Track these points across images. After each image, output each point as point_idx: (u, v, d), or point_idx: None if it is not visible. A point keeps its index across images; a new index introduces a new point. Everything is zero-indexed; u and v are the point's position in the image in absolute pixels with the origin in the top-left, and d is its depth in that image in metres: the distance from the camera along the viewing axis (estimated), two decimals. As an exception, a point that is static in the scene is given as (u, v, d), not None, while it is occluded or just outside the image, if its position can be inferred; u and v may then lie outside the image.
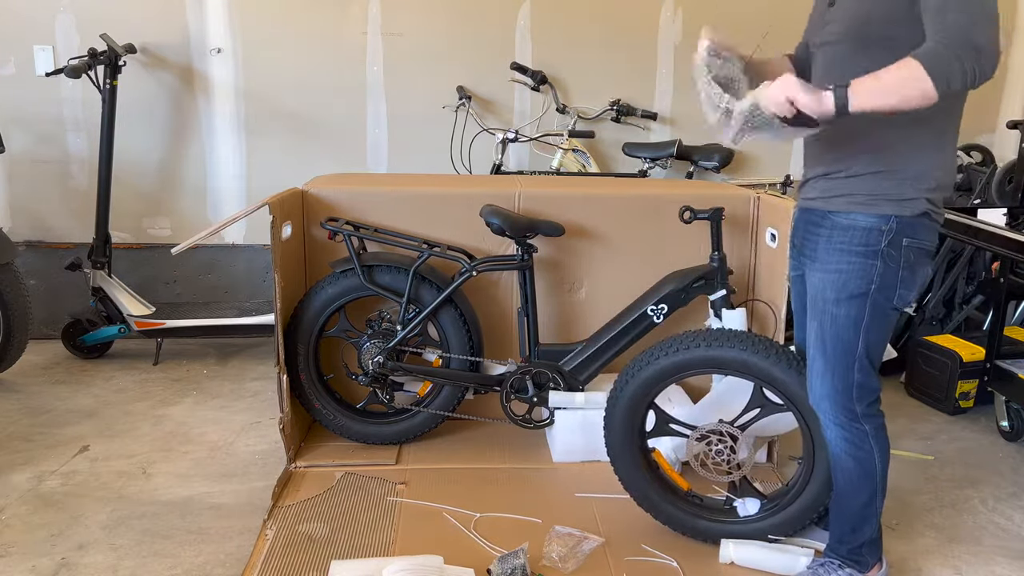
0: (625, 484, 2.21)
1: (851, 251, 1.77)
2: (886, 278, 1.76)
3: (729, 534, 2.14)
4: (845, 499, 1.94)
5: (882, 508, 1.94)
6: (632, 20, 3.82)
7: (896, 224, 1.73)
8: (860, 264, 1.77)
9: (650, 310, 2.53)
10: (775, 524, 2.13)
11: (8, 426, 2.86)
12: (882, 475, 1.90)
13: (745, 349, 2.03)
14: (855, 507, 1.92)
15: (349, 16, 3.72)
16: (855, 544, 1.95)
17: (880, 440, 1.88)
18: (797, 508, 2.10)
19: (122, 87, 3.49)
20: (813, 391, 1.91)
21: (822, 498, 2.07)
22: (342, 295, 2.59)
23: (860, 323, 1.79)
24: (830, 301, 1.81)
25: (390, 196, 2.75)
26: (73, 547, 2.12)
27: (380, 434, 2.66)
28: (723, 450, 2.13)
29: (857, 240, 1.76)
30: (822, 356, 1.86)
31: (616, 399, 2.15)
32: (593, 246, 2.79)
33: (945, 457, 2.80)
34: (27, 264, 3.71)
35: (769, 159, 4.00)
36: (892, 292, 1.78)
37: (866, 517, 1.93)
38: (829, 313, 1.82)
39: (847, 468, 1.91)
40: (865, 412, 1.86)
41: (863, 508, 1.92)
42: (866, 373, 1.83)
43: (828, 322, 1.83)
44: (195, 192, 3.84)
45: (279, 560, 2.04)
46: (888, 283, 1.77)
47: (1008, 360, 2.99)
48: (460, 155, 3.78)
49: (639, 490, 2.20)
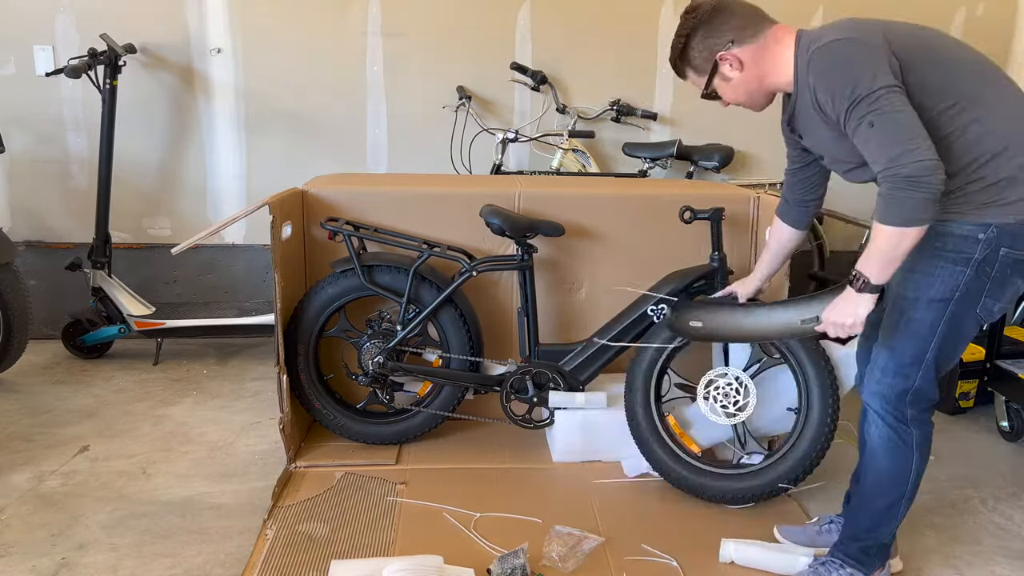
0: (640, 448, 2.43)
1: (941, 256, 1.71)
2: (973, 287, 1.70)
3: (738, 490, 2.29)
4: (870, 497, 1.90)
5: (904, 515, 1.91)
6: (632, 20, 3.82)
7: (996, 232, 1.67)
8: (948, 270, 1.71)
9: (650, 310, 2.53)
10: (781, 473, 2.29)
11: (8, 426, 2.86)
12: (915, 483, 1.86)
13: None
14: (879, 507, 1.89)
15: (349, 16, 3.72)
16: (867, 543, 1.93)
17: (923, 449, 1.84)
18: (798, 453, 2.29)
19: (122, 87, 3.50)
20: (869, 385, 1.85)
21: (819, 442, 2.28)
22: (342, 295, 2.59)
23: (935, 329, 1.74)
24: (909, 301, 1.76)
25: (390, 196, 2.75)
26: (73, 547, 2.13)
27: (380, 434, 2.66)
28: (730, 392, 2.37)
29: (951, 246, 1.70)
30: (888, 354, 1.80)
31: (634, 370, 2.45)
32: (593, 246, 2.79)
33: (945, 457, 2.80)
34: (27, 264, 3.71)
35: (769, 159, 4.00)
36: (976, 302, 1.72)
37: (887, 520, 1.89)
38: (906, 313, 1.76)
39: (881, 467, 1.86)
40: (916, 417, 1.82)
41: (887, 510, 1.88)
42: (929, 381, 1.79)
43: (903, 323, 1.77)
44: (195, 192, 3.84)
45: (279, 560, 2.04)
46: (974, 292, 1.71)
47: (1008, 360, 2.99)
48: (460, 155, 3.78)
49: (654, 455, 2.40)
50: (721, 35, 1.80)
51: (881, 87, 1.60)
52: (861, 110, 1.62)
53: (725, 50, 1.80)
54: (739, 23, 1.80)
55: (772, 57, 1.80)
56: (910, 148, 1.57)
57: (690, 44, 1.84)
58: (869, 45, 1.65)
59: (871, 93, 1.60)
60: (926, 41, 1.71)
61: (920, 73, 1.66)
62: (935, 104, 1.66)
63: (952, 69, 1.68)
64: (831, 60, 1.67)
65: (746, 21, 1.80)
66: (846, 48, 1.66)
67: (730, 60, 1.81)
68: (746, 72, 1.82)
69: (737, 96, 1.87)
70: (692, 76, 1.90)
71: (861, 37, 1.67)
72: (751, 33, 1.80)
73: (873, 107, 1.60)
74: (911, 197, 1.58)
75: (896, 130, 1.59)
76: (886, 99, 1.60)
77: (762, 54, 1.80)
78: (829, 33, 1.71)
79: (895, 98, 1.60)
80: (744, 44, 1.80)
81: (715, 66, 1.83)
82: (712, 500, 2.35)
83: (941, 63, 1.68)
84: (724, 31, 1.80)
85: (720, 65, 1.83)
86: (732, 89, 1.86)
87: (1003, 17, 3.98)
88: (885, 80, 1.61)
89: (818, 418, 2.29)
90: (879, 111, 1.60)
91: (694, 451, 2.43)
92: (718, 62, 1.82)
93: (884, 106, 1.59)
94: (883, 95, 1.60)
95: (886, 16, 1.84)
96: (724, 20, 1.80)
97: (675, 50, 1.87)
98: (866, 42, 1.66)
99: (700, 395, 2.40)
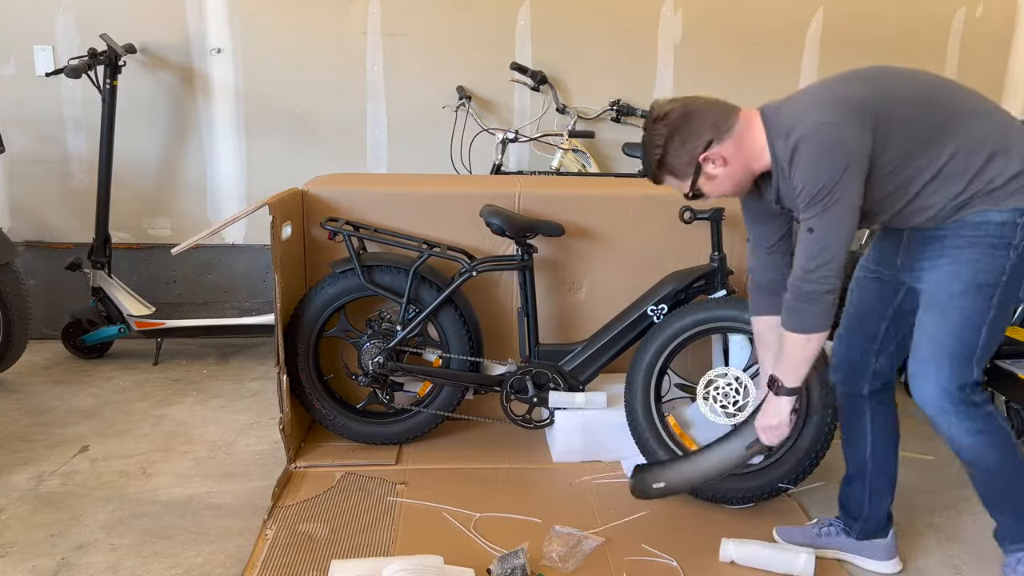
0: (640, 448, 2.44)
1: (982, 243, 1.71)
2: (1018, 270, 1.72)
3: (738, 490, 2.29)
4: (1000, 491, 1.87)
5: None
6: (632, 20, 3.82)
7: None
8: (991, 255, 1.71)
9: (650, 310, 2.53)
10: (781, 473, 2.30)
11: (8, 426, 2.86)
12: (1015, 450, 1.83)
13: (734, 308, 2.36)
14: (1019, 491, 1.85)
15: (349, 16, 3.72)
16: None
17: (1004, 424, 1.83)
18: (798, 453, 2.30)
19: (122, 87, 3.49)
20: (924, 393, 1.82)
21: (818, 440, 2.28)
22: (342, 295, 2.59)
23: (986, 315, 1.74)
24: (956, 294, 1.74)
25: (390, 196, 2.75)
26: (73, 547, 2.12)
27: (380, 434, 2.66)
28: (730, 392, 2.36)
29: (992, 233, 1.71)
30: (938, 354, 1.78)
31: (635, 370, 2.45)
32: (593, 246, 2.79)
33: (945, 457, 2.79)
34: (27, 264, 3.71)
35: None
36: (1019, 285, 1.73)
37: None
38: (955, 306, 1.74)
39: (987, 458, 1.83)
40: (984, 399, 1.81)
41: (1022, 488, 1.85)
42: (981, 366, 1.78)
43: (954, 315, 1.75)
44: (195, 192, 3.83)
45: (279, 560, 2.04)
46: (1018, 276, 1.72)
47: (1008, 360, 2.98)
48: (460, 155, 3.78)
49: (652, 454, 2.41)
50: (699, 137, 1.80)
51: (837, 193, 1.67)
52: (811, 212, 1.71)
53: (707, 150, 1.80)
54: (713, 121, 1.80)
55: (751, 143, 1.80)
56: (822, 264, 1.72)
57: (668, 152, 1.81)
58: (845, 137, 1.67)
59: (825, 197, 1.68)
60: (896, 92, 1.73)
61: (899, 137, 1.70)
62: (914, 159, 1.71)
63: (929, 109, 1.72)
64: (808, 155, 1.70)
65: (718, 117, 1.80)
66: (824, 142, 1.68)
67: (713, 158, 1.81)
68: (731, 165, 1.82)
69: (724, 189, 1.87)
70: (673, 182, 1.87)
71: (841, 122, 1.68)
72: (726, 127, 1.80)
73: (820, 212, 1.70)
74: (808, 311, 1.76)
75: (822, 245, 1.71)
76: (835, 208, 1.68)
77: (741, 144, 1.81)
78: (809, 116, 1.71)
79: (842, 206, 1.68)
80: (723, 139, 1.80)
81: (698, 168, 1.82)
82: (712, 500, 2.35)
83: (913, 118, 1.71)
84: (701, 132, 1.80)
85: (704, 166, 1.82)
86: (718, 185, 1.86)
87: (1003, 17, 3.98)
88: (844, 184, 1.67)
89: (818, 418, 2.29)
90: (821, 217, 1.70)
91: (694, 451, 2.43)
92: (701, 164, 1.82)
93: (829, 215, 1.69)
94: (836, 201, 1.68)
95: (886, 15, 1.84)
96: (698, 121, 1.80)
97: (652, 161, 1.84)
98: (843, 133, 1.67)
99: (700, 395, 2.40)
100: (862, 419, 2.04)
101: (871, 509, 2.08)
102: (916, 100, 1.73)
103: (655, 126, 1.81)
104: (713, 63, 3.89)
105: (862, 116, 1.68)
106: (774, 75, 3.92)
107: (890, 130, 1.70)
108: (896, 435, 2.07)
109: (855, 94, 1.72)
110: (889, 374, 2.02)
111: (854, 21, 3.86)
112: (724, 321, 2.38)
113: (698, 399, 2.40)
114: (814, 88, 1.80)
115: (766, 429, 1.96)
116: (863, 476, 2.07)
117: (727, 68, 3.89)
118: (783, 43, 3.91)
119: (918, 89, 1.75)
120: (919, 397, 1.84)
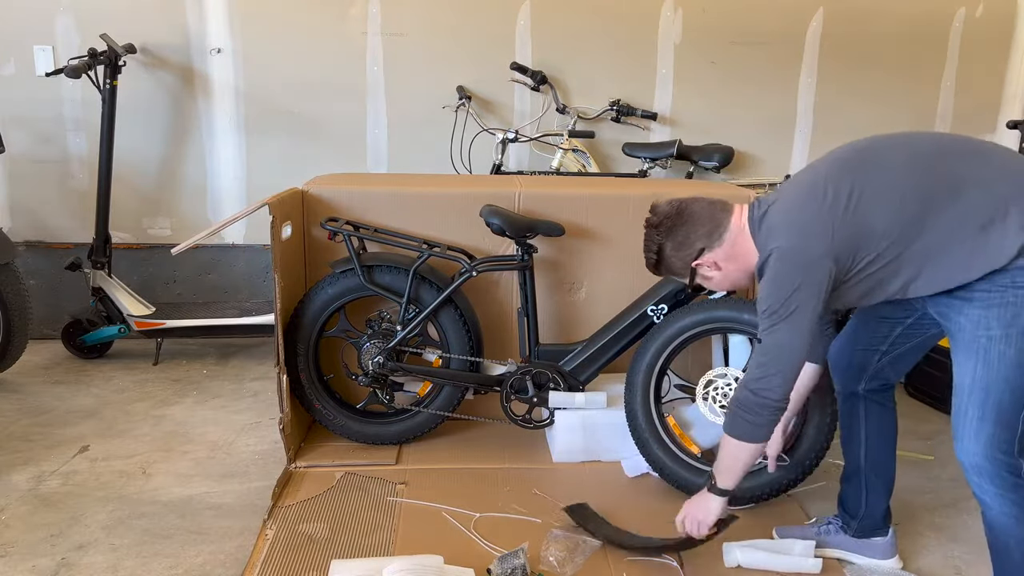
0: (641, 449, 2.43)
1: (1015, 286, 1.59)
2: None
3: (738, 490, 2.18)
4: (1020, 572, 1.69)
5: None
6: (632, 20, 3.82)
7: None
8: None
9: (650, 310, 2.53)
10: (781, 473, 2.30)
11: (8, 426, 2.86)
12: None
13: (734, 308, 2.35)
14: None
15: (349, 16, 3.72)
16: None
17: None
18: (800, 453, 2.30)
19: (122, 87, 3.49)
20: (965, 448, 1.65)
21: (819, 441, 2.29)
22: (342, 295, 2.59)
23: None
24: (996, 339, 1.60)
25: (390, 196, 2.75)
26: (73, 547, 2.13)
27: (380, 434, 2.66)
28: (729, 393, 2.38)
29: (1020, 279, 1.58)
30: (981, 404, 1.62)
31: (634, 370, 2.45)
32: (593, 246, 2.79)
33: (945, 457, 2.79)
34: (27, 264, 3.71)
35: (769, 159, 4.00)
36: None
37: None
38: (995, 351, 1.60)
39: (1017, 535, 1.65)
40: None
41: None
42: None
43: (995, 361, 1.60)
44: (195, 192, 3.83)
45: (279, 560, 2.04)
46: None
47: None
48: (460, 155, 3.78)
49: (653, 455, 2.41)
50: (690, 245, 1.85)
51: (784, 312, 1.69)
52: (763, 325, 1.74)
53: (699, 258, 1.86)
54: (704, 230, 1.84)
55: (744, 248, 1.84)
56: (763, 377, 1.73)
57: (663, 256, 1.91)
58: (802, 263, 1.68)
59: (774, 315, 1.71)
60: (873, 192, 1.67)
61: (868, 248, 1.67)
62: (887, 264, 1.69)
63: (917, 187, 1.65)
64: (768, 273, 1.74)
65: (710, 225, 1.84)
66: (783, 264, 1.70)
67: (706, 264, 1.86)
68: (724, 269, 1.87)
69: (722, 287, 1.95)
70: (673, 277, 1.97)
71: (804, 247, 1.68)
72: (717, 235, 1.84)
73: (769, 328, 1.72)
74: (746, 420, 1.78)
75: (768, 359, 1.74)
76: (783, 326, 1.70)
77: (734, 250, 1.85)
78: (778, 237, 1.73)
79: (791, 324, 1.69)
80: (714, 247, 1.85)
81: (693, 271, 1.90)
82: None
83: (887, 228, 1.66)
84: (692, 241, 1.85)
85: (698, 269, 1.89)
86: (716, 283, 1.93)
87: (1003, 17, 3.98)
88: (794, 302, 1.68)
89: (817, 419, 2.29)
90: (771, 333, 1.72)
91: (694, 452, 2.43)
92: (695, 268, 1.88)
93: (777, 332, 1.71)
94: (785, 319, 1.69)
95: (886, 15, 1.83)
96: (689, 231, 1.85)
97: (650, 261, 1.95)
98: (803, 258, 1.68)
99: (700, 395, 2.40)
100: (858, 417, 2.05)
101: (868, 507, 2.08)
102: (892, 195, 1.65)
103: (651, 232, 1.91)
104: (713, 63, 3.89)
105: (829, 239, 1.66)
106: (774, 75, 3.91)
107: (860, 245, 1.67)
108: (893, 435, 2.07)
109: (828, 208, 1.67)
110: (890, 376, 2.01)
111: (854, 21, 3.86)
112: (724, 321, 2.38)
113: (698, 399, 2.40)
114: (792, 192, 1.77)
115: (691, 517, 1.95)
116: (859, 474, 2.08)
117: (727, 68, 3.89)
118: (783, 43, 3.91)
119: (898, 178, 1.66)
120: (961, 455, 1.69)
